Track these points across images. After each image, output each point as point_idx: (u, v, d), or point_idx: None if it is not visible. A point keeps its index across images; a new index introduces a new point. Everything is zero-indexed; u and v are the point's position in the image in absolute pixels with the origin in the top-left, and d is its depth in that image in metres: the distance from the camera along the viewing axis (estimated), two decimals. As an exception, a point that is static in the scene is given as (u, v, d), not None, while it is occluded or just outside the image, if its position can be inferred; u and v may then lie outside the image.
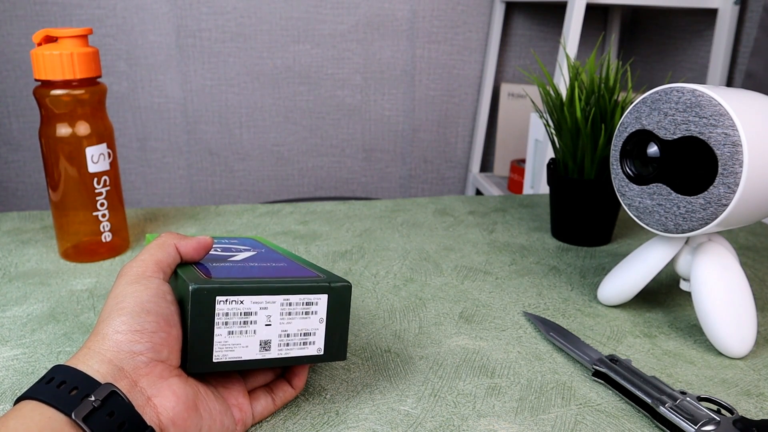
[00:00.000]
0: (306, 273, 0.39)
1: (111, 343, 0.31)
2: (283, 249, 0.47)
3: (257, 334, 0.35)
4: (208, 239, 0.39)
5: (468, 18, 1.65)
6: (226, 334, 0.34)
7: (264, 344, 0.35)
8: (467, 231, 0.71)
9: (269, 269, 0.39)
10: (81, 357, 0.31)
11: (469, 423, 0.39)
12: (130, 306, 0.33)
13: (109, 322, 0.32)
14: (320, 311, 0.36)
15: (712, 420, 0.37)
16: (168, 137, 1.63)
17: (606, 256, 0.65)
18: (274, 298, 0.35)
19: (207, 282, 0.34)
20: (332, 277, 0.38)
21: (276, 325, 0.35)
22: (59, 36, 0.56)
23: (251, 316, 0.35)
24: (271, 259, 0.42)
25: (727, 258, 0.48)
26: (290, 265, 0.41)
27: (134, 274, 0.35)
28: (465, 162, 1.79)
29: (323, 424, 0.39)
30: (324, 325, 0.37)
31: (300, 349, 0.36)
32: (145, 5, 1.51)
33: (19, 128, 1.57)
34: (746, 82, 1.22)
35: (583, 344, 0.47)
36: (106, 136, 0.59)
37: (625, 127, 0.49)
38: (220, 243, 0.46)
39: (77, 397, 0.29)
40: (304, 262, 0.43)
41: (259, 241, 0.50)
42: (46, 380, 0.30)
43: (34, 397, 0.29)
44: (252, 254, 0.43)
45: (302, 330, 0.36)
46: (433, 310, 0.53)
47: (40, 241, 0.66)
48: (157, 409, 0.31)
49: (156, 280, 0.35)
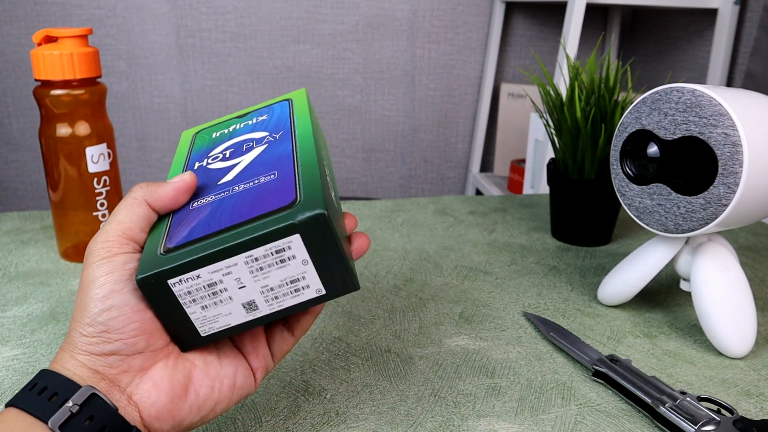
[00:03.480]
0: (279, 199, 0.31)
1: (81, 346, 0.30)
2: (306, 124, 0.39)
3: (234, 299, 0.31)
4: (187, 180, 0.34)
5: (468, 18, 1.65)
6: (200, 310, 0.31)
7: (249, 305, 0.31)
8: (467, 231, 0.71)
9: (236, 205, 0.32)
10: (60, 360, 0.30)
11: (469, 423, 0.39)
12: (94, 300, 0.30)
13: (76, 323, 0.30)
14: (299, 253, 0.30)
15: (712, 420, 0.37)
16: (168, 137, 1.63)
17: (606, 256, 0.65)
18: (232, 260, 0.30)
19: (152, 264, 0.30)
20: (306, 202, 0.30)
21: (251, 284, 0.30)
22: (59, 36, 0.56)
23: (217, 285, 0.30)
24: (258, 171, 0.35)
25: (727, 258, 0.48)
26: (273, 183, 0.33)
27: (98, 253, 0.31)
28: (465, 162, 1.79)
29: (323, 424, 0.39)
30: (311, 265, 0.30)
31: (294, 297, 0.31)
32: (145, 5, 1.51)
33: (19, 128, 1.57)
34: (746, 82, 1.22)
35: (583, 344, 0.47)
36: (106, 136, 0.59)
37: (625, 127, 0.49)
38: (233, 137, 0.41)
39: (56, 403, 0.28)
40: (308, 160, 0.35)
41: (290, 101, 0.43)
42: (30, 386, 0.29)
43: (17, 405, 0.29)
44: (253, 157, 0.37)
45: (286, 279, 0.31)
46: (433, 310, 0.53)
47: (40, 241, 0.66)
48: (138, 407, 0.30)
49: (121, 257, 0.31)
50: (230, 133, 0.42)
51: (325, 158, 0.39)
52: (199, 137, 0.43)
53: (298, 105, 0.42)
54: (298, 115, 0.41)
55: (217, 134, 0.42)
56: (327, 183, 0.34)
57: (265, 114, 0.42)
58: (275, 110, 0.43)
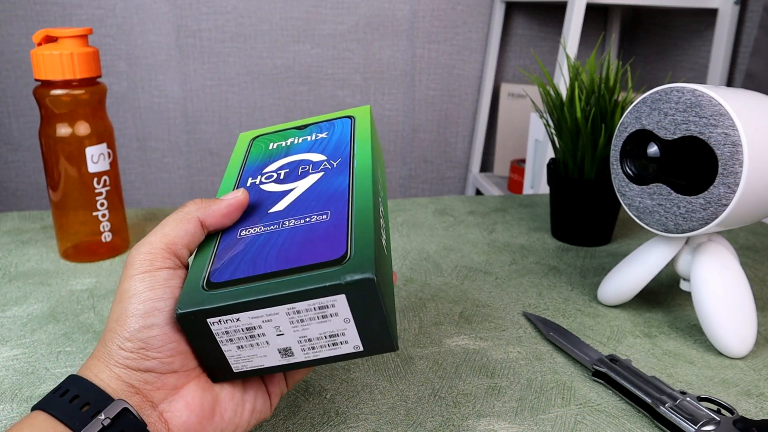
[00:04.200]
0: (329, 249, 0.31)
1: (118, 359, 0.30)
2: (366, 154, 0.38)
3: (271, 344, 0.31)
4: (240, 198, 0.34)
5: (468, 18, 1.65)
6: (235, 349, 0.31)
7: (284, 351, 0.31)
8: (467, 231, 0.71)
9: (285, 245, 0.32)
10: (93, 368, 0.30)
11: (469, 423, 0.39)
12: (135, 315, 0.30)
13: (114, 335, 0.30)
14: (341, 312, 0.30)
15: (712, 420, 0.37)
16: (168, 137, 1.63)
17: (606, 256, 0.65)
18: (274, 309, 0.29)
19: (194, 300, 0.30)
20: (356, 261, 0.29)
21: (289, 333, 0.30)
22: (59, 36, 0.56)
23: (255, 330, 0.30)
24: (311, 206, 0.34)
25: (727, 258, 0.48)
26: (324, 225, 0.32)
27: (140, 265, 0.31)
28: (465, 162, 1.79)
29: (323, 424, 0.39)
30: (352, 324, 0.30)
31: (330, 350, 0.31)
32: (145, 5, 1.51)
33: (19, 128, 1.57)
34: (746, 82, 1.22)
35: (583, 344, 0.47)
36: (106, 136, 0.59)
37: (625, 127, 0.49)
38: (289, 153, 0.40)
39: (88, 414, 0.28)
40: (363, 206, 0.33)
41: (353, 120, 0.42)
42: (61, 392, 0.29)
43: (46, 410, 0.28)
44: (308, 186, 0.36)
45: (325, 333, 0.30)
46: (433, 310, 0.53)
47: (40, 241, 0.66)
48: (168, 425, 0.30)
49: (164, 273, 0.31)
50: (287, 148, 0.41)
51: (382, 189, 0.38)
52: (256, 145, 0.42)
53: (360, 125, 0.41)
54: (359, 139, 0.40)
55: (274, 146, 0.41)
56: (380, 233, 0.33)
57: (326, 131, 0.41)
58: (336, 128, 0.42)
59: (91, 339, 0.48)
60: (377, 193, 0.36)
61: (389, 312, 0.31)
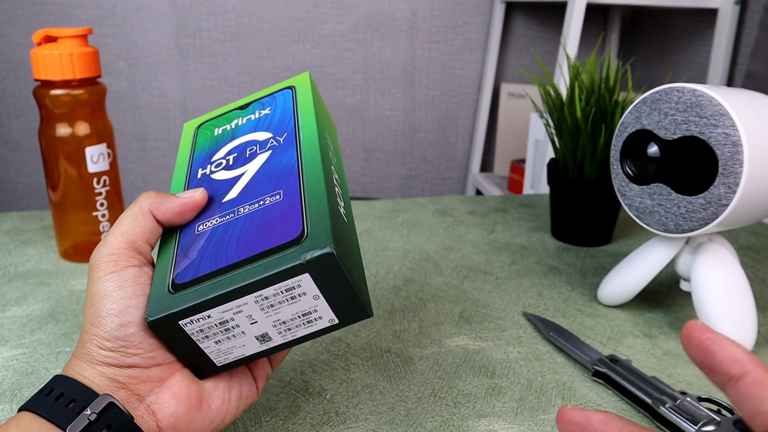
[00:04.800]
0: (285, 231, 0.30)
1: (100, 358, 0.30)
2: (311, 123, 0.37)
3: (247, 333, 0.31)
4: (196, 198, 0.34)
5: (468, 18, 1.65)
6: (214, 344, 0.31)
7: (262, 338, 0.31)
8: (467, 231, 0.71)
9: (242, 234, 0.31)
10: (76, 367, 0.30)
11: (469, 423, 0.39)
12: (110, 316, 0.30)
13: (92, 336, 0.30)
14: (309, 290, 0.29)
15: (713, 420, 0.37)
16: (168, 137, 1.63)
17: (606, 256, 0.65)
18: (242, 300, 0.29)
19: (162, 305, 0.30)
20: (314, 237, 0.29)
21: (263, 320, 0.30)
22: (59, 36, 0.56)
23: (228, 323, 0.30)
24: (263, 189, 0.34)
25: (727, 258, 0.48)
26: (279, 205, 0.32)
27: (106, 267, 0.31)
28: (465, 162, 1.79)
29: (323, 424, 0.39)
30: (322, 299, 0.30)
31: (306, 327, 0.31)
32: (145, 5, 1.51)
33: (18, 128, 1.57)
34: (746, 82, 1.22)
35: (583, 344, 0.47)
36: (105, 136, 0.59)
37: (625, 127, 0.49)
38: (235, 136, 0.39)
39: (74, 410, 0.28)
40: (314, 177, 0.33)
41: (293, 89, 0.41)
42: (46, 392, 0.29)
43: (32, 410, 0.28)
44: (257, 168, 0.35)
45: (298, 313, 0.30)
46: (433, 310, 0.53)
47: (39, 241, 0.66)
48: (156, 416, 0.31)
49: (131, 271, 0.31)
50: (232, 131, 0.40)
51: (333, 155, 0.38)
52: (201, 133, 0.42)
53: (301, 95, 0.40)
54: (302, 109, 0.39)
55: (219, 131, 0.41)
56: (336, 202, 0.33)
57: (268, 107, 0.41)
58: (278, 102, 0.41)
59: (91, 339, 0.48)
60: (328, 161, 0.35)
61: (358, 280, 0.31)
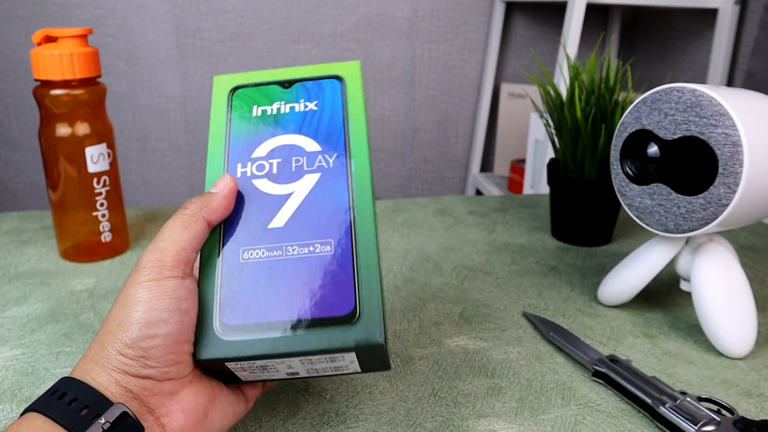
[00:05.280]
0: (338, 300, 0.32)
1: (117, 364, 0.30)
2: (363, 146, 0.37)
3: (281, 371, 0.33)
4: (231, 186, 0.35)
5: (468, 18, 1.65)
6: (249, 374, 0.33)
7: (292, 374, 0.34)
8: (467, 231, 0.71)
9: (292, 284, 0.33)
10: (90, 371, 0.30)
11: (469, 423, 0.39)
12: (139, 324, 0.30)
13: (114, 339, 0.30)
14: (348, 358, 0.32)
15: (713, 420, 0.37)
16: (168, 137, 1.63)
17: (606, 256, 0.65)
18: (288, 359, 0.32)
19: (213, 347, 0.32)
20: (366, 326, 0.32)
21: (299, 367, 0.33)
22: (59, 36, 0.56)
23: (269, 366, 0.33)
24: (313, 228, 0.35)
25: (727, 258, 0.48)
26: (329, 262, 0.33)
27: (149, 273, 0.31)
28: (465, 162, 1.78)
29: (323, 424, 0.39)
30: (356, 362, 0.33)
31: (332, 372, 0.34)
32: (145, 5, 1.51)
33: (18, 128, 1.57)
34: (746, 82, 1.22)
35: (583, 344, 0.47)
36: (105, 136, 0.59)
37: (625, 127, 0.49)
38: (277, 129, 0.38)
39: (87, 417, 0.28)
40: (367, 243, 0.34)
41: (343, 84, 0.39)
42: (59, 395, 0.29)
43: (43, 412, 0.28)
44: (306, 193, 0.36)
45: (331, 367, 0.33)
46: (433, 310, 0.53)
47: (39, 241, 0.66)
48: (165, 430, 0.31)
49: (171, 283, 0.31)
50: (275, 120, 0.39)
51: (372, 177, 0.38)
52: (237, 103, 0.40)
53: (351, 95, 0.39)
54: (353, 118, 0.38)
55: (258, 112, 0.39)
56: (379, 260, 0.34)
57: (315, 100, 0.39)
58: (326, 96, 0.39)
59: (91, 339, 0.48)
60: (373, 200, 0.36)
61: (389, 348, 0.34)
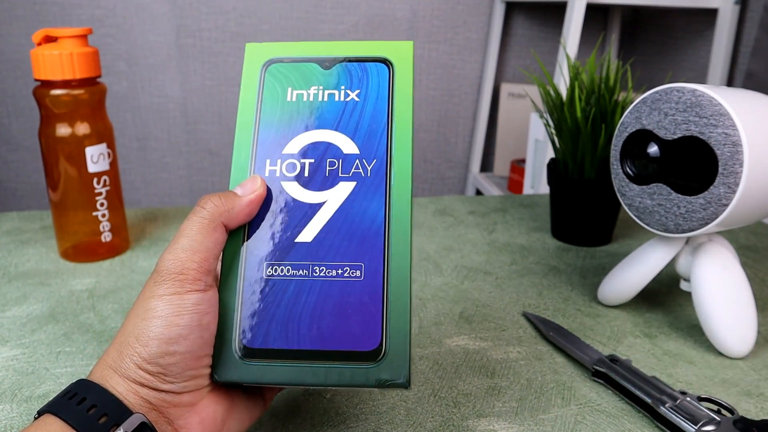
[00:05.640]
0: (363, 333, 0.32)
1: (135, 377, 0.30)
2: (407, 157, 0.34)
3: (299, 388, 0.35)
4: (259, 192, 0.33)
5: (468, 18, 1.65)
6: (266, 388, 0.35)
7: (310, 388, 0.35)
8: (467, 231, 0.71)
9: (316, 309, 0.32)
10: (109, 379, 0.30)
11: (469, 423, 0.39)
12: (159, 339, 0.29)
13: (132, 352, 0.30)
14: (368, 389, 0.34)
15: (713, 420, 0.37)
16: (168, 137, 1.63)
17: (606, 256, 0.65)
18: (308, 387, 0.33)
19: (233, 370, 0.32)
20: (392, 365, 0.31)
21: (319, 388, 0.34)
22: (59, 36, 0.56)
23: (287, 387, 0.34)
24: (344, 249, 0.33)
25: (727, 258, 0.48)
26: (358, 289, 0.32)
27: (171, 286, 0.30)
28: (465, 162, 1.78)
29: (323, 424, 0.39)
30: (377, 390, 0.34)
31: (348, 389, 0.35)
32: (145, 5, 1.51)
33: (18, 128, 1.57)
34: (746, 82, 1.22)
35: (583, 344, 0.47)
36: (105, 136, 0.59)
37: (625, 127, 0.49)
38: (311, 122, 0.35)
39: (106, 426, 0.28)
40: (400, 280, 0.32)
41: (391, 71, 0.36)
42: (78, 400, 0.28)
43: (60, 416, 0.28)
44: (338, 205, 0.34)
45: (351, 391, 0.35)
46: (433, 310, 0.53)
47: (39, 241, 0.66)
48: None
49: (193, 297, 0.30)
50: (310, 109, 0.36)
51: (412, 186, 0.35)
52: (269, 81, 0.37)
53: (399, 85, 0.36)
54: (398, 117, 0.35)
55: (293, 96, 0.36)
56: (410, 282, 0.33)
57: (357, 89, 0.36)
58: (371, 84, 0.36)
59: (91, 339, 0.48)
60: (411, 221, 0.34)
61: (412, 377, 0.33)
